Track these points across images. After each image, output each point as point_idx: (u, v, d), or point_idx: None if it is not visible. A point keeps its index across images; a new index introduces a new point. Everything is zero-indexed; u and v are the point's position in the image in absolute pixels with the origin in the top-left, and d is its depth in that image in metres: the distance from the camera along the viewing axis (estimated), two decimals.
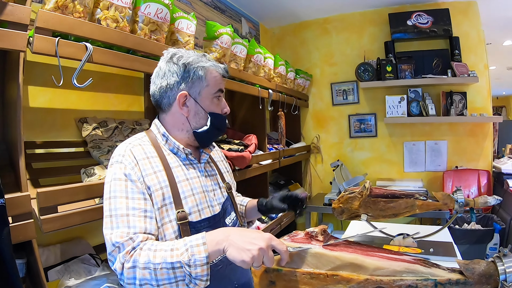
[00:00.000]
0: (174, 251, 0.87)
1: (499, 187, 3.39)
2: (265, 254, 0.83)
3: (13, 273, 1.00)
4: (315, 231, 0.93)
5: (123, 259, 0.90)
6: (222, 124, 1.20)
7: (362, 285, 0.82)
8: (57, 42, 1.15)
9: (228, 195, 1.28)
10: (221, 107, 1.19)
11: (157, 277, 0.86)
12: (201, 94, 1.13)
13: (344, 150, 4.08)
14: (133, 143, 1.10)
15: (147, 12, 1.51)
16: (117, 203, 0.96)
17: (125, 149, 1.06)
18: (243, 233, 0.87)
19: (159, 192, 1.03)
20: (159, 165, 1.07)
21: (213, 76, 1.14)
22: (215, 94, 1.15)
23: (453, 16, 3.47)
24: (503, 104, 10.62)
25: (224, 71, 1.18)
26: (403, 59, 3.59)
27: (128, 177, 1.00)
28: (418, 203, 1.72)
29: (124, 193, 0.98)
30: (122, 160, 1.03)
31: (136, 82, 2.19)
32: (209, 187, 1.19)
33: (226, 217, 1.21)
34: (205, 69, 1.12)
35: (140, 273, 0.87)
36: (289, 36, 4.31)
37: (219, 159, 1.39)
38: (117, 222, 0.94)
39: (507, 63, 6.04)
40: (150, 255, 0.87)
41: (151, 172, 1.04)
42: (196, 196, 1.11)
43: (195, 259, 0.84)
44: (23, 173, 1.16)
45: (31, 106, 1.61)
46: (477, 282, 0.81)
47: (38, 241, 1.20)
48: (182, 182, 1.10)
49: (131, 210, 0.95)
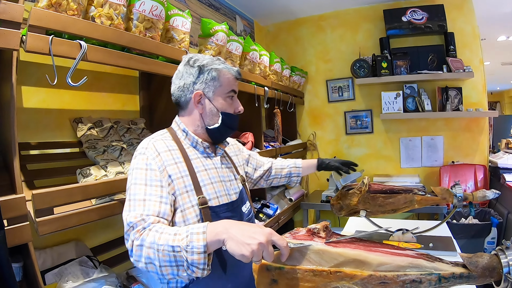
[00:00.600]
0: (177, 235, 0.90)
1: (496, 181, 3.41)
2: (265, 249, 0.83)
3: (9, 277, 0.98)
4: (317, 228, 0.92)
5: (133, 236, 0.97)
6: (233, 123, 1.29)
7: (366, 281, 0.81)
8: (50, 40, 1.13)
9: (243, 186, 1.38)
10: (234, 107, 1.29)
11: (159, 258, 0.90)
12: (214, 94, 1.24)
13: (341, 147, 4.08)
14: (156, 137, 1.21)
15: (142, 9, 1.49)
16: (137, 189, 1.06)
17: (148, 142, 1.18)
18: (244, 227, 0.88)
19: (180, 180, 1.14)
20: (179, 156, 1.19)
21: (226, 77, 1.24)
22: (228, 94, 1.26)
23: (448, 12, 3.48)
24: (497, 100, 10.70)
25: (237, 73, 1.28)
26: (399, 55, 3.59)
27: (149, 166, 1.10)
28: (417, 198, 1.71)
29: (144, 181, 1.07)
30: (145, 152, 1.14)
31: (131, 81, 2.17)
32: (225, 177, 1.30)
33: (243, 205, 1.32)
34: (218, 71, 1.23)
35: (145, 252, 0.93)
36: (283, 33, 4.30)
37: (234, 154, 1.50)
38: (134, 205, 1.02)
39: (501, 58, 6.07)
40: (156, 237, 0.92)
41: (172, 162, 1.15)
42: (214, 184, 1.22)
43: (192, 246, 0.87)
44: (18, 175, 1.14)
45: (25, 106, 1.58)
46: (480, 275, 0.80)
47: (34, 244, 1.18)
48: (201, 172, 1.21)
49: (148, 196, 1.04)
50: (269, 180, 1.74)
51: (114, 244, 1.91)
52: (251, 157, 1.65)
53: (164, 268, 0.91)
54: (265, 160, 1.73)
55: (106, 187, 1.33)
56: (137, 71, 2.16)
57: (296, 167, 1.78)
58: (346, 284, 0.83)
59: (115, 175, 1.52)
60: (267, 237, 0.84)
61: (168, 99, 1.90)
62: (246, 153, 1.64)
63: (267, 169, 1.70)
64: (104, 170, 1.53)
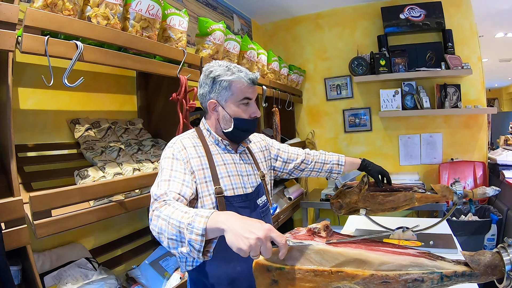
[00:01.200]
0: (186, 214, 0.96)
1: (495, 178, 3.41)
2: (263, 245, 0.82)
3: (8, 280, 0.97)
4: (318, 227, 0.91)
5: (154, 207, 1.07)
6: (246, 127, 1.39)
7: (368, 280, 0.81)
8: (46, 40, 1.12)
9: (261, 181, 1.48)
10: (249, 112, 1.37)
11: (168, 230, 0.96)
12: (227, 102, 1.34)
13: (339, 145, 4.07)
14: (184, 136, 1.38)
15: (138, 8, 1.48)
16: (163, 173, 1.21)
17: (176, 139, 1.35)
18: (245, 221, 0.88)
19: (201, 171, 1.29)
20: (202, 151, 1.34)
21: (237, 87, 1.33)
22: (241, 102, 1.34)
23: (446, 9, 3.47)
24: (495, 96, 10.71)
25: (250, 81, 1.34)
26: (397, 53, 3.59)
27: (175, 156, 1.27)
28: (417, 196, 1.71)
29: (170, 166, 1.23)
30: (173, 146, 1.31)
31: (128, 81, 2.16)
32: (243, 172, 1.41)
33: (258, 198, 1.42)
34: (229, 81, 1.32)
35: (160, 222, 1.00)
36: (281, 32, 4.29)
37: (259, 150, 1.58)
38: (161, 185, 1.16)
39: (499, 55, 6.07)
40: (171, 211, 1.00)
41: (195, 156, 1.31)
42: (231, 177, 1.35)
43: (193, 226, 0.90)
44: (15, 177, 1.14)
45: (21, 108, 1.57)
46: (482, 273, 0.80)
47: (32, 246, 1.18)
48: (220, 166, 1.35)
49: (172, 178, 1.19)
50: (305, 172, 1.78)
51: (113, 245, 1.90)
52: (281, 151, 1.68)
53: (171, 241, 0.97)
54: (299, 152, 1.75)
55: (104, 188, 1.32)
56: (134, 71, 2.15)
57: (338, 164, 1.82)
58: (348, 284, 0.82)
59: (113, 176, 1.51)
60: (266, 233, 0.83)
61: (165, 99, 1.89)
62: (276, 147, 1.68)
63: (300, 162, 1.72)
64: (102, 171, 1.52)
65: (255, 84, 1.38)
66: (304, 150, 1.78)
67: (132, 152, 1.80)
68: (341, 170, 1.84)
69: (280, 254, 0.84)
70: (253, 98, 1.39)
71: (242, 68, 1.38)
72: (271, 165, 1.64)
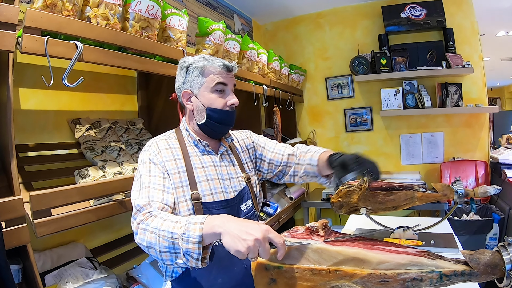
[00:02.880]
0: (177, 223, 0.94)
1: (497, 177, 3.39)
2: (261, 246, 0.82)
3: (8, 279, 0.98)
4: (316, 226, 0.91)
5: (139, 219, 1.03)
6: (221, 118, 1.28)
7: (366, 279, 0.80)
8: (46, 41, 1.12)
9: (246, 184, 1.37)
10: (224, 100, 1.28)
11: (159, 243, 0.94)
12: (200, 90, 1.27)
13: (341, 145, 4.07)
14: (160, 137, 1.31)
15: (138, 8, 1.48)
16: (143, 179, 1.15)
17: (152, 141, 1.28)
18: (241, 222, 0.88)
19: (176, 175, 1.20)
20: (179, 154, 1.26)
21: (209, 71, 1.25)
22: (214, 88, 1.26)
23: (447, 7, 3.46)
24: (497, 95, 10.67)
25: (224, 66, 1.26)
26: (398, 52, 3.58)
27: (152, 161, 1.20)
28: (418, 195, 1.70)
29: (148, 172, 1.17)
30: (148, 149, 1.24)
31: (128, 81, 2.16)
32: (225, 175, 1.31)
33: (242, 204, 1.32)
34: (200, 68, 1.25)
35: (148, 236, 0.97)
36: (282, 31, 4.28)
37: (244, 149, 1.48)
38: (141, 193, 1.11)
39: (500, 54, 6.05)
40: (159, 223, 0.97)
41: (171, 159, 1.23)
42: (210, 181, 1.25)
43: (188, 235, 0.89)
44: (16, 177, 1.14)
45: (22, 108, 1.58)
46: (482, 272, 0.79)
47: (33, 246, 1.18)
48: (198, 169, 1.25)
49: (152, 184, 1.13)
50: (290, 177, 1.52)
51: (114, 245, 1.91)
52: (265, 149, 1.51)
53: (164, 254, 0.95)
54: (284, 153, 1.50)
55: (104, 187, 1.33)
56: (134, 71, 2.16)
57: (311, 165, 1.45)
58: (346, 283, 0.82)
59: (113, 175, 1.52)
60: (264, 234, 0.83)
61: (166, 99, 1.90)
62: (261, 145, 1.52)
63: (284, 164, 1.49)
64: (102, 170, 1.53)
65: (231, 71, 1.29)
66: (291, 149, 1.52)
67: (133, 152, 1.80)
68: (316, 172, 1.45)
69: (278, 255, 0.84)
70: (229, 85, 1.29)
71: (219, 58, 1.31)
72: (256, 165, 1.51)
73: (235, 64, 1.31)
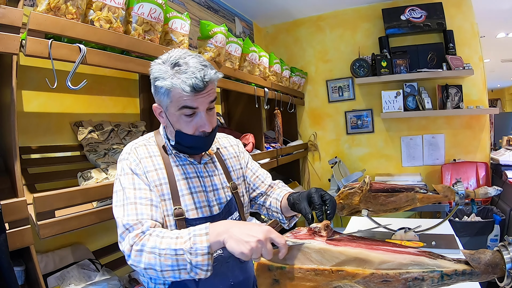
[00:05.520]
0: (179, 239, 0.91)
1: (498, 178, 3.40)
2: (264, 246, 0.84)
3: (11, 281, 0.98)
4: (318, 227, 0.91)
5: (132, 241, 0.95)
6: (191, 143, 1.12)
7: (368, 279, 0.81)
8: (50, 44, 1.13)
9: (233, 195, 1.25)
10: (194, 125, 1.08)
11: (161, 263, 0.90)
12: (168, 109, 1.09)
13: (342, 147, 4.07)
14: (139, 143, 1.16)
15: (141, 12, 1.49)
16: (126, 193, 1.03)
17: (130, 148, 1.14)
18: (243, 226, 0.89)
19: (158, 187, 1.09)
20: (160, 163, 1.13)
21: (176, 92, 1.03)
22: (180, 112, 1.06)
23: (447, 9, 3.47)
24: (498, 97, 10.66)
25: (189, 88, 1.00)
26: (398, 54, 3.59)
27: (134, 171, 1.08)
28: (419, 196, 1.71)
29: (132, 185, 1.05)
30: (128, 157, 1.11)
31: (131, 84, 2.17)
32: (208, 187, 1.18)
33: (228, 217, 1.20)
34: (165, 88, 1.04)
35: (146, 257, 0.92)
36: (283, 34, 4.30)
37: (232, 156, 1.34)
38: (127, 209, 1.00)
39: (501, 55, 6.05)
40: (157, 241, 0.92)
41: (152, 169, 1.10)
42: (194, 194, 1.14)
43: (196, 248, 0.87)
44: (19, 179, 1.15)
45: (25, 110, 1.59)
46: (483, 272, 0.80)
47: (36, 247, 1.19)
48: (181, 180, 1.14)
49: (138, 199, 1.02)
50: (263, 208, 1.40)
51: (116, 247, 1.87)
52: (248, 168, 1.39)
53: (166, 272, 0.91)
54: (266, 180, 1.40)
55: (107, 190, 1.33)
56: (137, 74, 2.17)
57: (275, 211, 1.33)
58: (348, 283, 0.83)
59: None
60: (266, 235, 0.85)
61: None
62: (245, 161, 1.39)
63: (263, 193, 1.39)
64: (105, 173, 1.53)
65: (202, 89, 1.02)
66: (271, 182, 1.40)
67: None
68: (280, 217, 1.34)
69: (280, 254, 0.86)
70: (201, 106, 1.06)
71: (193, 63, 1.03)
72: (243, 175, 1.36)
73: (210, 75, 1.04)
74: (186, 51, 1.09)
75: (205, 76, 1.02)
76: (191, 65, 1.03)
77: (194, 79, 1.00)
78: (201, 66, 1.04)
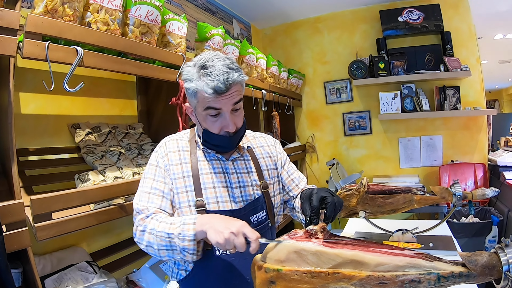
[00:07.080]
0: (172, 224, 1.05)
1: (495, 179, 3.41)
2: (235, 239, 0.93)
3: (8, 283, 0.98)
4: (315, 229, 0.92)
5: (137, 223, 1.12)
6: (217, 143, 1.18)
7: (365, 281, 0.81)
8: (47, 46, 1.13)
9: (262, 194, 1.26)
10: (219, 126, 1.14)
11: (157, 242, 1.05)
12: (196, 109, 1.17)
13: (340, 148, 4.08)
14: (172, 137, 1.28)
15: (138, 14, 1.49)
16: (146, 182, 1.18)
17: (163, 142, 1.27)
18: (224, 219, 1.01)
19: (181, 180, 1.18)
20: (187, 157, 1.22)
21: (201, 95, 1.09)
22: (206, 112, 1.12)
23: (444, 11, 3.48)
24: (495, 98, 10.70)
25: (212, 91, 1.05)
26: (396, 56, 3.60)
27: (158, 164, 1.20)
28: (416, 198, 1.72)
29: (153, 175, 1.19)
30: (158, 150, 1.24)
31: (128, 86, 2.17)
32: (234, 183, 1.22)
33: (253, 215, 1.21)
34: (191, 89, 1.11)
35: (147, 236, 1.08)
36: (280, 36, 4.31)
37: (267, 155, 1.35)
38: (141, 196, 1.16)
39: (499, 56, 6.08)
40: (156, 224, 1.07)
41: (177, 162, 1.20)
42: (217, 189, 1.19)
43: (184, 234, 1.01)
44: (16, 181, 1.15)
45: (22, 112, 1.58)
46: (480, 274, 0.80)
47: (33, 249, 1.19)
48: (205, 174, 1.20)
49: (153, 189, 1.16)
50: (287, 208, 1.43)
51: (114, 249, 1.91)
52: (284, 170, 1.39)
53: (162, 251, 1.06)
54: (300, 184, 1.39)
55: (105, 192, 1.33)
56: (134, 76, 2.17)
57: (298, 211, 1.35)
58: (345, 285, 0.83)
59: (113, 180, 1.52)
60: (239, 228, 0.95)
61: (165, 104, 1.90)
62: (282, 162, 1.39)
63: (295, 197, 1.37)
64: (102, 175, 1.53)
65: (225, 91, 1.07)
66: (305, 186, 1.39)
67: (132, 156, 1.81)
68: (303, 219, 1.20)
69: (251, 249, 0.93)
70: (224, 107, 1.10)
71: (219, 66, 1.07)
72: (278, 175, 1.36)
73: (233, 78, 1.07)
74: (216, 54, 1.14)
75: (227, 79, 1.06)
76: (217, 68, 1.07)
77: (217, 81, 1.05)
78: (226, 69, 1.08)
